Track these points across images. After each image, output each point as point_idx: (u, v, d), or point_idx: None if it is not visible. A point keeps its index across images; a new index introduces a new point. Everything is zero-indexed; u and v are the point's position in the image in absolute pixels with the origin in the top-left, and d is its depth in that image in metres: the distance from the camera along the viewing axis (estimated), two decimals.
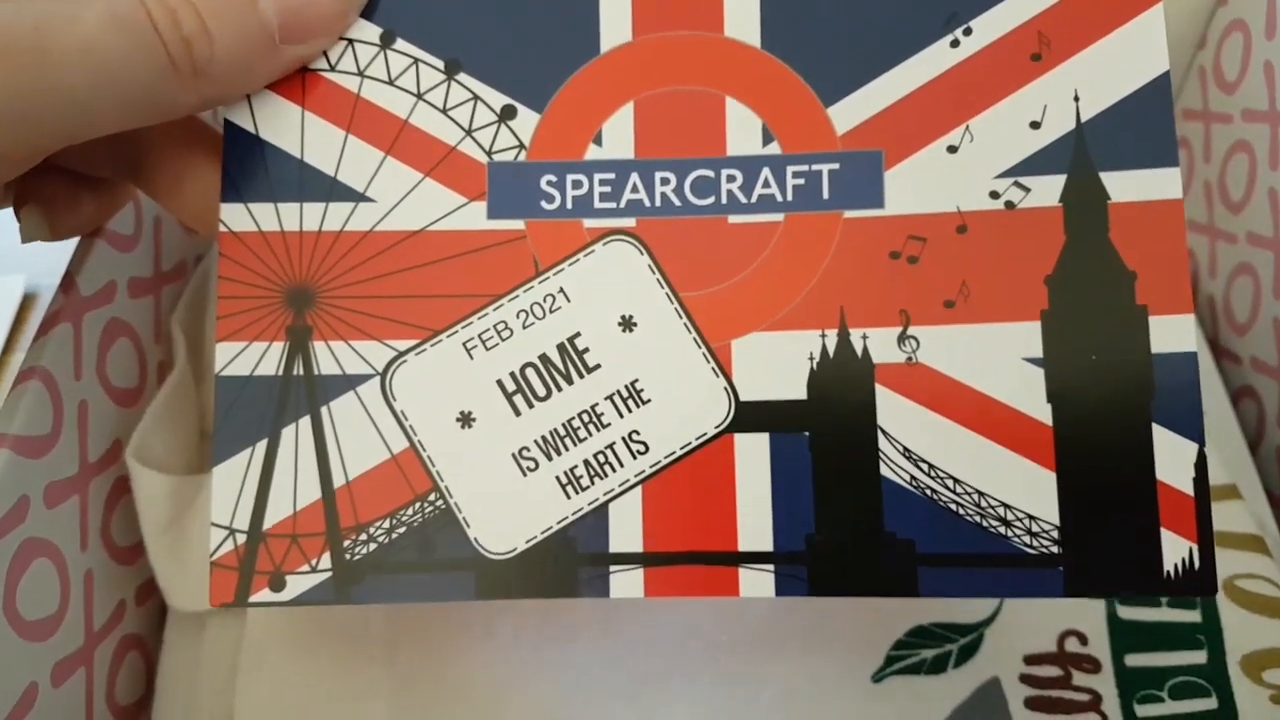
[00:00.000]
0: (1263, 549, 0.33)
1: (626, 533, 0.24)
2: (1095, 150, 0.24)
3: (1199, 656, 0.31)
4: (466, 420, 0.25)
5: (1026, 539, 0.24)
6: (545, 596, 0.24)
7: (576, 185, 0.25)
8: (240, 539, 0.24)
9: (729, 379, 0.24)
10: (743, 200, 0.25)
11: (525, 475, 0.25)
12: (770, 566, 0.24)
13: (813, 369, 0.24)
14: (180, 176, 0.26)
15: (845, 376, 0.24)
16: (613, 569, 0.24)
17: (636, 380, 0.25)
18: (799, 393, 0.24)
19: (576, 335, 0.25)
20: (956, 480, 0.24)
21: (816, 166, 0.25)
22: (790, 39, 0.25)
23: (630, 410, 0.25)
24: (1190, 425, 0.23)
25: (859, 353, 0.24)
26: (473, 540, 0.24)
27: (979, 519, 0.24)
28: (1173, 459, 0.23)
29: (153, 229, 0.35)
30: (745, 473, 0.24)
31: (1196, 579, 0.23)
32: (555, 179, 0.25)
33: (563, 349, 0.25)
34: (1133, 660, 0.32)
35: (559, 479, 0.25)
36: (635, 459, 0.24)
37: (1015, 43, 0.24)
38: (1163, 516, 0.23)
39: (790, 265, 0.25)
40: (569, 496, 0.24)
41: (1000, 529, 0.24)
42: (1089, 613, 0.32)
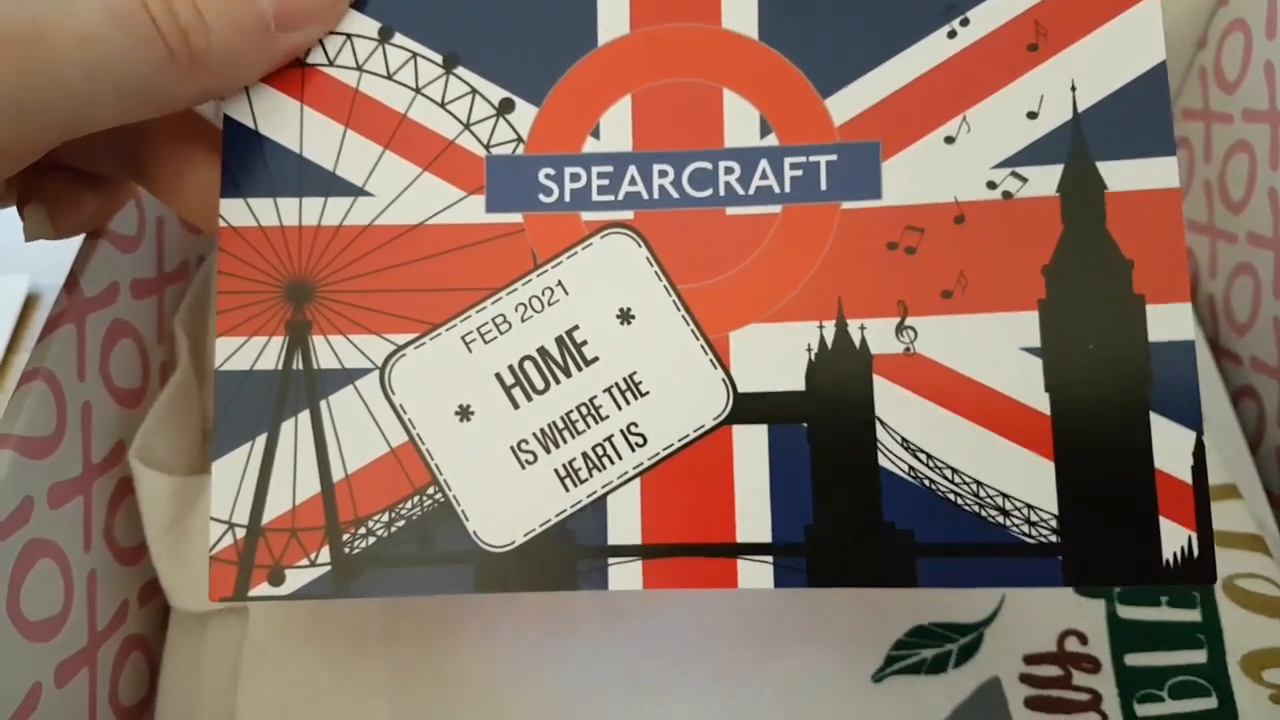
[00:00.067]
0: (1263, 549, 0.33)
1: (625, 525, 0.24)
2: (1092, 140, 0.24)
3: (1199, 656, 0.31)
4: (465, 413, 0.25)
5: (1025, 528, 0.23)
6: (544, 589, 0.24)
7: (574, 178, 0.25)
8: (240, 533, 0.24)
9: (727, 371, 0.24)
10: (740, 192, 0.25)
11: (524, 468, 0.25)
12: (769, 558, 0.24)
13: (811, 360, 0.24)
14: (181, 172, 0.26)
15: (843, 367, 0.24)
16: (611, 561, 0.24)
17: (635, 373, 0.25)
18: (797, 384, 0.24)
19: (575, 328, 0.25)
20: (955, 470, 0.24)
21: (814, 158, 0.25)
22: (787, 31, 0.25)
23: (628, 403, 0.25)
24: (1188, 414, 0.23)
25: (857, 343, 0.24)
26: (471, 533, 0.24)
27: (977, 509, 0.24)
28: (1171, 448, 0.23)
29: (155, 230, 0.36)
30: (744, 464, 0.24)
31: (1195, 568, 0.23)
32: (553, 172, 0.25)
33: (561, 342, 0.25)
34: (1133, 660, 0.31)
35: (557, 472, 0.25)
36: (634, 451, 0.24)
37: (1012, 33, 0.25)
38: (1161, 505, 0.23)
39: (788, 256, 0.25)
40: (568, 489, 0.24)
41: (999, 519, 0.24)
42: (1089, 612, 0.32)
